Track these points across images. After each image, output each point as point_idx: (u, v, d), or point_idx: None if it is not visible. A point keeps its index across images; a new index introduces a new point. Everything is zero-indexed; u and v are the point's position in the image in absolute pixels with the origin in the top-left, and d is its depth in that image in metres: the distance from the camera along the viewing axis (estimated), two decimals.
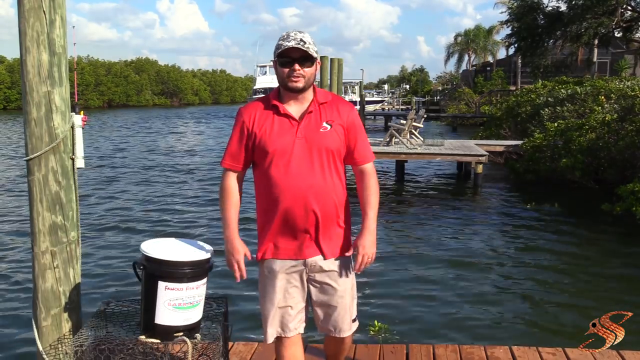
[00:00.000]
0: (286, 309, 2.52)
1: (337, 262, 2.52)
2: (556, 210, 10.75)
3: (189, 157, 20.73)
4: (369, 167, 2.56)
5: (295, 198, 2.38)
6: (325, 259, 2.48)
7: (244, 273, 2.49)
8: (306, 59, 2.37)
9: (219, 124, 42.68)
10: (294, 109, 2.45)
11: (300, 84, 2.39)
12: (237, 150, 2.49)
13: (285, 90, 2.44)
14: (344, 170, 2.56)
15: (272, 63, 2.47)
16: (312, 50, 2.37)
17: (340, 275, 2.52)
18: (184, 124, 41.36)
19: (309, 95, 2.47)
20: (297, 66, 2.36)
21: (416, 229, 9.59)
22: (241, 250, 2.47)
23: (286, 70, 2.38)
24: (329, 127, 2.44)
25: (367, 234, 2.50)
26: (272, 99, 2.47)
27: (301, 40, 2.35)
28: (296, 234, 2.43)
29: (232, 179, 2.52)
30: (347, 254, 2.54)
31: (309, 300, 2.58)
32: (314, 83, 2.50)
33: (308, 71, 2.39)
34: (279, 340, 2.57)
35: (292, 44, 2.34)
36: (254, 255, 2.53)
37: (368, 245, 2.49)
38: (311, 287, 2.54)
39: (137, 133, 32.10)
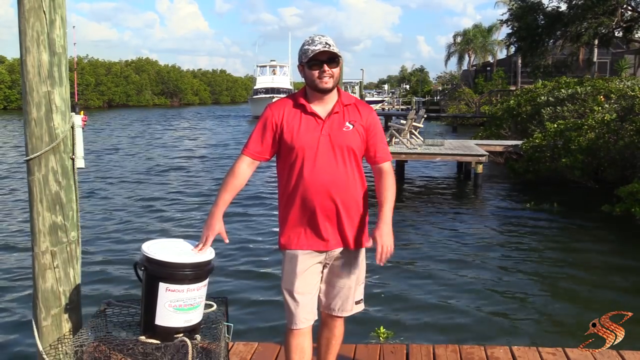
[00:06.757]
0: (303, 297, 2.62)
1: (353, 251, 2.67)
2: (556, 210, 10.75)
3: (192, 157, 20.73)
4: (387, 166, 2.71)
5: (319, 191, 2.54)
6: (349, 249, 2.64)
7: (205, 248, 2.55)
8: (333, 59, 2.53)
9: (228, 122, 42.67)
10: (319, 108, 2.60)
11: (329, 84, 2.55)
12: (258, 141, 2.62)
13: (315, 92, 2.58)
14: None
15: (272, 63, 2.51)
16: (336, 51, 2.53)
17: (352, 262, 2.69)
18: (189, 125, 41.33)
19: (333, 96, 2.62)
20: (326, 67, 2.52)
21: (416, 229, 9.58)
22: (216, 229, 2.58)
23: (316, 72, 2.53)
24: (351, 126, 2.60)
25: (383, 225, 2.59)
26: (300, 98, 2.62)
27: (326, 43, 2.52)
28: (319, 225, 2.58)
29: (244, 165, 2.63)
30: (364, 245, 2.70)
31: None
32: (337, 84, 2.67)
33: (335, 71, 2.55)
34: (288, 329, 2.66)
35: (319, 47, 2.50)
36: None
37: (385, 235, 2.56)
38: (324, 268, 2.70)
39: (138, 133, 32.09)
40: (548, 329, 5.48)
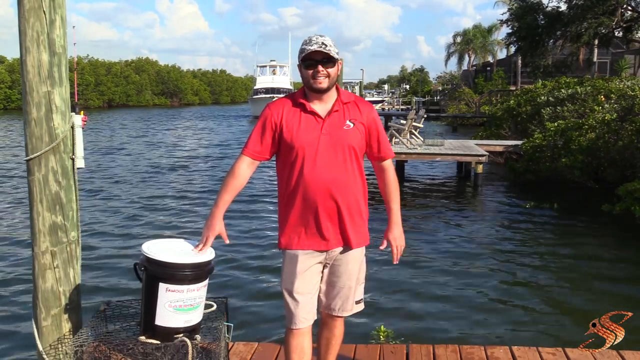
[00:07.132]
0: (303, 297, 2.62)
1: (353, 251, 2.67)
2: (556, 210, 10.75)
3: (192, 157, 20.72)
4: (389, 163, 2.75)
5: (319, 190, 2.54)
6: (350, 248, 2.65)
7: (205, 248, 2.56)
8: (328, 60, 2.53)
9: (228, 123, 42.67)
10: (319, 107, 2.60)
11: (324, 84, 2.55)
12: (258, 141, 2.62)
13: (311, 91, 2.59)
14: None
15: (272, 63, 2.52)
16: (333, 52, 2.53)
17: (353, 262, 2.69)
18: (189, 124, 41.33)
19: (333, 94, 2.63)
20: (320, 67, 2.52)
21: (416, 229, 9.58)
22: (216, 230, 2.59)
23: (310, 72, 2.54)
24: (351, 125, 2.60)
25: (395, 227, 2.75)
26: (299, 98, 2.62)
27: (322, 43, 2.52)
28: (321, 225, 2.58)
29: (245, 165, 2.63)
30: (364, 244, 2.72)
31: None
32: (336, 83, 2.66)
33: (331, 72, 2.55)
34: (288, 329, 2.66)
35: (314, 47, 2.51)
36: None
37: (398, 237, 2.76)
38: (324, 268, 2.70)
39: (139, 133, 32.08)
40: (548, 329, 5.48)
